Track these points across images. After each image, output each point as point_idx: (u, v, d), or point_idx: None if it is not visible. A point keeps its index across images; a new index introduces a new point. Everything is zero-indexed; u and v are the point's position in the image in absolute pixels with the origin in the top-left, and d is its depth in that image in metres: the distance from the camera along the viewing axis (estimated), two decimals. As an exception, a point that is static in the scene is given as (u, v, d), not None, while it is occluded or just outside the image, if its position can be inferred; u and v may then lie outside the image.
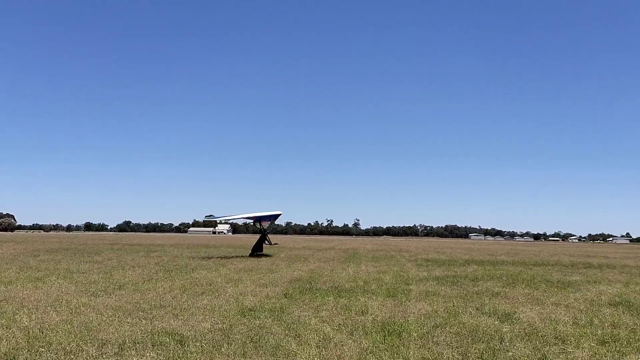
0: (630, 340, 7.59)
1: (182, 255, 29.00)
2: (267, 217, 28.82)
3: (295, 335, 7.65)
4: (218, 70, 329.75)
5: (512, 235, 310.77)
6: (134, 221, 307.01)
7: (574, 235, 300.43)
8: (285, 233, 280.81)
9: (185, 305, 10.18)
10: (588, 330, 8.25)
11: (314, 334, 7.74)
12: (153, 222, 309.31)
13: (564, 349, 6.99)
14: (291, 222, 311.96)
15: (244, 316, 9.10)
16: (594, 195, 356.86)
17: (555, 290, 13.95)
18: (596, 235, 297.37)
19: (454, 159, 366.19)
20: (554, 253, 46.83)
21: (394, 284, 14.77)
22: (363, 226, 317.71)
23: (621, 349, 7.01)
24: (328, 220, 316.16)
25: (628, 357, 6.59)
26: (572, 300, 11.94)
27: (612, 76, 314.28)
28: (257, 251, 28.17)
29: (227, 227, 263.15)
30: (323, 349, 6.86)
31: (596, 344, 7.30)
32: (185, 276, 15.92)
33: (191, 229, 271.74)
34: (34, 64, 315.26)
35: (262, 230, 28.89)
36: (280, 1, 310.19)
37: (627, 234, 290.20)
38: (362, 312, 9.72)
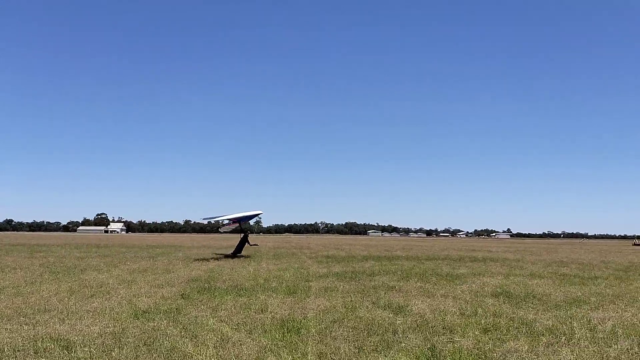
0: (510, 328, 8.21)
1: (70, 255, 27.16)
2: (248, 217, 28.46)
3: (192, 336, 7.44)
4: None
5: (407, 231, 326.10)
6: (16, 219, 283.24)
7: (462, 231, 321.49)
8: (184, 231, 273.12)
9: (73, 308, 9.53)
10: (473, 320, 8.82)
11: (211, 334, 7.58)
12: (38, 221, 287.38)
13: (451, 338, 7.42)
14: (190, 220, 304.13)
15: (137, 319, 8.70)
16: (479, 194, 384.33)
17: (445, 283, 14.79)
18: (481, 230, 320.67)
19: (352, 159, 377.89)
20: (444, 248, 49.75)
21: (294, 281, 14.86)
22: (265, 224, 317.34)
23: (501, 337, 7.56)
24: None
25: (507, 344, 7.12)
26: (459, 292, 12.71)
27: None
28: (238, 252, 27.33)
29: (120, 225, 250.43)
30: (220, 349, 6.73)
31: (480, 333, 7.83)
32: (73, 278, 14.92)
33: (81, 227, 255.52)
34: None
35: (244, 230, 28.08)
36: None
37: (508, 229, 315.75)
38: (262, 310, 9.68)
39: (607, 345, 7.02)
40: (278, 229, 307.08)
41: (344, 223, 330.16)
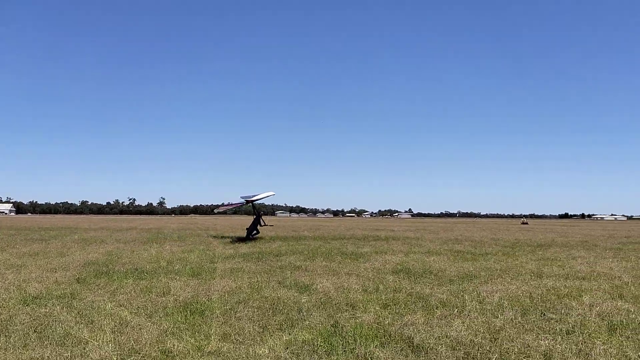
0: (408, 302, 8.62)
1: (-52, 240, 24.70)
2: (260, 199, 28.55)
3: (88, 321, 7.08)
4: None
5: (314, 212, 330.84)
6: None
7: (367, 211, 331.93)
8: (81, 213, 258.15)
9: (-51, 298, 8.70)
10: (374, 296, 9.15)
11: (109, 319, 7.25)
12: None
13: (353, 314, 7.65)
14: (87, 201, 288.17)
15: (27, 305, 8.13)
16: (383, 176, 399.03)
17: (349, 261, 15.21)
18: (385, 211, 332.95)
19: (260, 139, 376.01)
20: (350, 228, 51.08)
21: (199, 262, 14.58)
22: (169, 205, 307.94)
23: (400, 311, 7.92)
24: (130, 199, 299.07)
25: (405, 317, 7.47)
26: (363, 269, 13.14)
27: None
28: (252, 233, 27.12)
29: (8, 206, 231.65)
30: (118, 334, 6.46)
31: (380, 308, 8.14)
32: (-50, 264, 13.60)
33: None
34: None
35: (257, 212, 28.18)
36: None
37: (410, 209, 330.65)
38: (164, 293, 9.40)
39: (494, 316, 7.58)
40: (183, 210, 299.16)
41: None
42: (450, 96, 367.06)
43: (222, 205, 32.64)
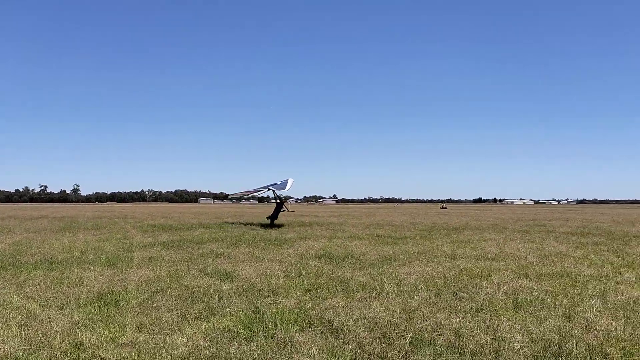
0: (329, 286, 8.75)
1: None
2: (279, 184, 28.42)
3: (-10, 317, 6.61)
4: None
5: (239, 198, 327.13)
6: None
7: (292, 197, 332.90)
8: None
9: None
10: (296, 282, 9.22)
11: (15, 312, 6.83)
12: None
13: (275, 300, 7.67)
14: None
15: None
16: (309, 162, 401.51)
17: (273, 247, 15.21)
18: (310, 197, 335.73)
19: (179, 123, 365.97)
20: (274, 214, 51.08)
21: (115, 252, 14.02)
22: (84, 192, 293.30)
23: (321, 295, 8.03)
24: (41, 186, 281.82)
25: (326, 301, 7.58)
26: (286, 255, 13.19)
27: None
28: (275, 219, 27.57)
29: None
30: (26, 328, 6.09)
31: (301, 293, 8.21)
32: None
33: None
34: None
35: (279, 198, 28.40)
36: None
37: (334, 195, 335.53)
38: (76, 284, 8.96)
39: (410, 297, 7.86)
40: (99, 198, 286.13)
41: (173, 191, 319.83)
42: (366, 85, 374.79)
43: (243, 193, 34.05)
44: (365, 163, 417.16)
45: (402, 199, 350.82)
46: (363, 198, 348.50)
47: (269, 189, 28.86)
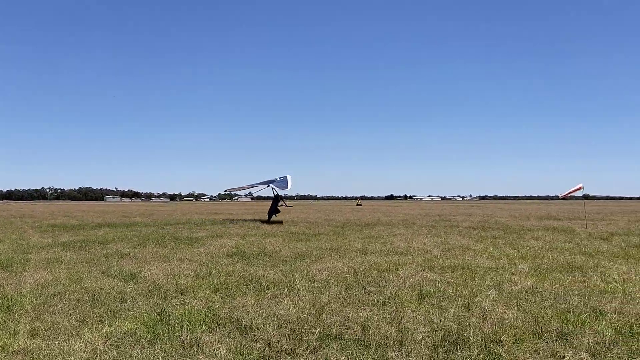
0: (240, 285, 8.64)
1: None
2: (278, 181, 28.98)
3: None
4: None
5: (149, 196, 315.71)
6: None
7: (206, 195, 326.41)
8: None
9: None
10: (206, 281, 9.01)
11: None
12: None
13: (182, 301, 7.44)
14: None
15: None
16: (221, 158, 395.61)
17: (183, 246, 14.80)
18: (225, 194, 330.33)
19: (87, 118, 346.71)
20: (187, 212, 49.80)
21: (9, 254, 13.01)
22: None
23: (231, 294, 7.91)
24: None
25: (236, 300, 7.47)
26: (196, 254, 12.87)
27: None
28: (274, 214, 28.80)
29: None
30: None
31: (211, 292, 8.04)
32: None
33: None
34: None
35: (277, 195, 29.07)
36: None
37: (249, 192, 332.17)
38: (-39, 290, 8.20)
39: (321, 292, 7.94)
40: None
41: (77, 188, 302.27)
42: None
43: (241, 187, 33.69)
44: (282, 159, 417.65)
45: (318, 196, 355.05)
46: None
47: (269, 186, 29.35)
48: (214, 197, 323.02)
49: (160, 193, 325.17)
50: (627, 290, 8.05)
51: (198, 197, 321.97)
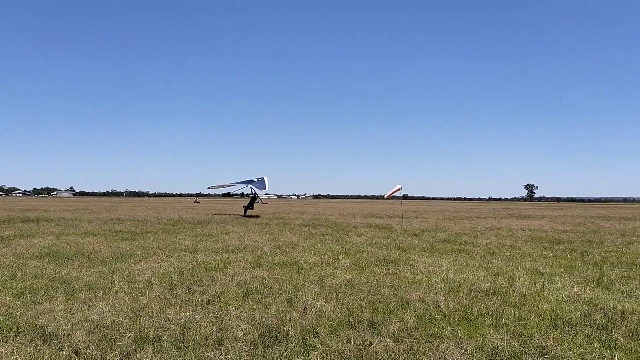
0: (49, 288, 7.83)
1: None
2: (257, 183, 33.10)
3: None
4: None
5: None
6: None
7: (18, 189, 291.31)
8: None
9: None
10: (8, 285, 8.02)
11: None
12: None
13: (-26, 309, 6.51)
14: None
15: None
16: (41, 150, 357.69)
17: (-18, 247, 12.98)
18: (41, 189, 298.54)
19: None
20: (-7, 208, 43.93)
21: None
22: None
23: (37, 299, 7.12)
24: None
25: (42, 305, 6.74)
26: (0, 255, 11.41)
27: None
28: (249, 209, 34.28)
29: None
30: None
31: (12, 297, 7.16)
32: None
33: None
34: None
35: (254, 193, 33.98)
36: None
37: (71, 187, 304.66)
38: None
39: (141, 294, 7.54)
40: None
41: None
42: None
43: (222, 185, 36.82)
44: (107, 154, 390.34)
45: (150, 192, 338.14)
46: (105, 191, 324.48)
47: (248, 186, 33.75)
48: (28, 191, 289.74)
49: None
50: (430, 280, 8.99)
51: (9, 191, 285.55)
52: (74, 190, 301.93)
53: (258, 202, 35.59)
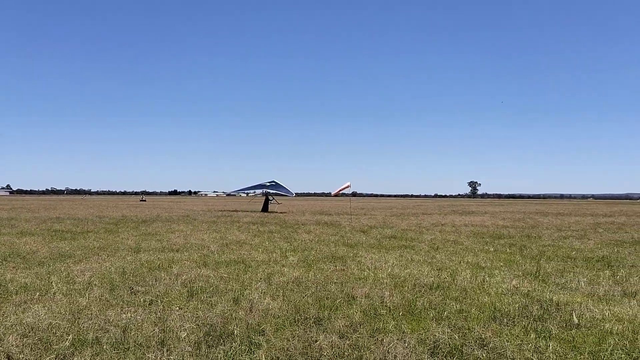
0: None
1: None
2: (275, 186, 38.34)
3: None
4: None
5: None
6: None
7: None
8: None
9: None
10: None
11: None
12: None
13: None
14: None
15: None
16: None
17: None
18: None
19: None
20: None
21: None
22: None
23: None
24: None
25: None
26: None
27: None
28: (265, 210, 37.29)
29: None
30: None
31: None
32: None
33: None
34: None
35: (267, 195, 39.08)
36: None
37: (8, 185, 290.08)
38: None
39: (80, 295, 7.26)
40: None
41: None
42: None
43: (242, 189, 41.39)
44: (47, 150, 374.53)
45: (92, 190, 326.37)
46: (45, 189, 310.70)
47: (264, 190, 38.53)
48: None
49: None
50: (377, 276, 9.11)
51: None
52: (11, 188, 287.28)
53: (272, 202, 38.99)
